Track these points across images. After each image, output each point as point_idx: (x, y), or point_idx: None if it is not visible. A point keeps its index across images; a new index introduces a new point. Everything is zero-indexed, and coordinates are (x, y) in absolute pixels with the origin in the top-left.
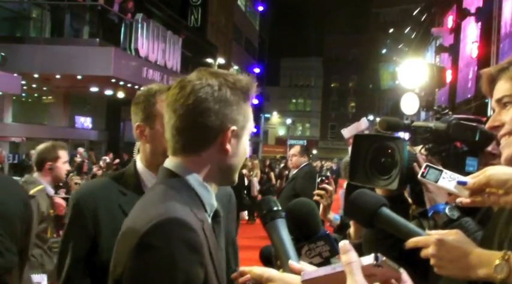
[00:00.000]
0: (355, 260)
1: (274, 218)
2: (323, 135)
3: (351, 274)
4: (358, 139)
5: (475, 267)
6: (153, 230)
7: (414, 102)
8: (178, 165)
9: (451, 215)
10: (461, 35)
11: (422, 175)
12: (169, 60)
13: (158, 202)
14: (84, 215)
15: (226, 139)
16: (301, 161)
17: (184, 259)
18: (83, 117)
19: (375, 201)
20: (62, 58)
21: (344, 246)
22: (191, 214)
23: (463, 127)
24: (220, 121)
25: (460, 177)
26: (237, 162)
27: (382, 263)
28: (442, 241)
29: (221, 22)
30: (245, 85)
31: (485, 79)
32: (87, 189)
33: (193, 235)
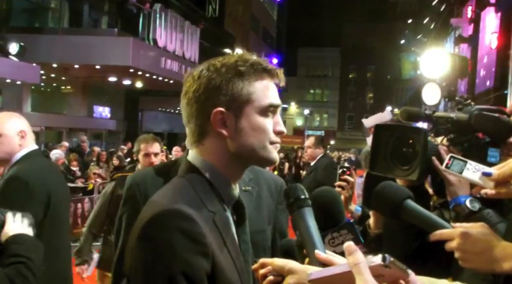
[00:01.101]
0: (362, 260)
1: (301, 206)
2: (341, 125)
3: (359, 275)
4: (379, 129)
5: (501, 260)
6: (151, 222)
7: (436, 92)
8: (194, 157)
9: (472, 207)
10: (481, 26)
11: (446, 166)
12: (187, 51)
13: (165, 194)
14: (136, 198)
15: (215, 123)
16: (317, 152)
17: (183, 249)
18: (101, 106)
19: (401, 192)
20: (80, 48)
21: (349, 247)
22: (197, 206)
23: (485, 118)
24: (205, 106)
25: (484, 167)
26: (248, 141)
27: (389, 263)
28: (467, 234)
29: (239, 12)
30: (235, 64)
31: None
32: (141, 173)
33: (191, 225)
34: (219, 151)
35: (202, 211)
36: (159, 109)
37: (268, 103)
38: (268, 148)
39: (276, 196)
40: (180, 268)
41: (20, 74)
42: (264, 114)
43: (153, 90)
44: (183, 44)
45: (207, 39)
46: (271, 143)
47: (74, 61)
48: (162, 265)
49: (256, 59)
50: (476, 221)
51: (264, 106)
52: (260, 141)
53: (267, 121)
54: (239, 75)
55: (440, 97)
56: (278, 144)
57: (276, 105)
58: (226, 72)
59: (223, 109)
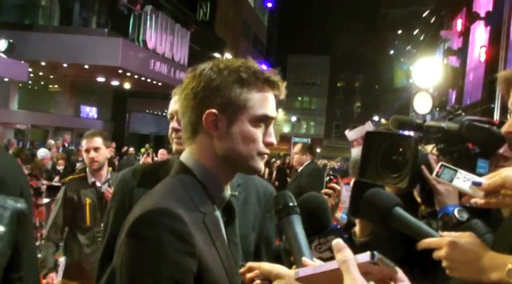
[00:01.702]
0: (350, 257)
1: (290, 213)
2: (327, 133)
3: (347, 272)
4: (370, 136)
5: (488, 270)
6: (140, 220)
7: (427, 101)
8: (186, 156)
9: (460, 217)
10: (470, 39)
11: (437, 174)
12: (176, 53)
13: (157, 193)
14: (124, 193)
15: (206, 123)
16: (304, 159)
17: (171, 248)
18: (89, 106)
19: (390, 200)
20: (69, 47)
21: (337, 244)
22: (187, 206)
23: (476, 128)
24: (200, 105)
25: (475, 177)
26: (235, 147)
27: (378, 261)
28: (455, 244)
29: (230, 17)
30: (238, 69)
31: (501, 83)
32: (131, 170)
33: (180, 225)
34: (208, 152)
35: (192, 211)
36: (146, 111)
37: (262, 114)
38: (255, 157)
39: (264, 204)
40: (168, 268)
41: (7, 71)
42: (256, 123)
43: (141, 91)
44: (172, 46)
45: (197, 43)
46: (259, 153)
47: (62, 60)
48: (148, 263)
49: (260, 68)
50: (464, 231)
51: (258, 116)
52: (248, 150)
53: (258, 131)
54: (240, 80)
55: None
56: (266, 154)
57: (270, 117)
58: (227, 75)
59: (216, 111)
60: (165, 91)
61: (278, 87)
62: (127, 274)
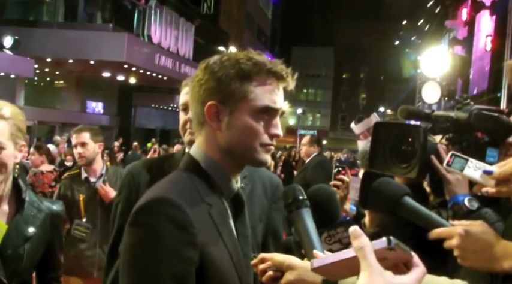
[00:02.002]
0: (367, 244)
1: (299, 207)
2: (333, 125)
3: (364, 259)
4: (379, 127)
5: (500, 259)
6: (141, 208)
7: (436, 91)
8: (195, 148)
9: (470, 206)
10: (476, 28)
11: (448, 163)
12: (181, 47)
13: (161, 184)
14: (130, 187)
15: (208, 115)
16: (311, 151)
17: (170, 237)
18: (95, 102)
19: (399, 189)
20: (75, 42)
21: (354, 231)
22: (191, 197)
23: (485, 117)
24: (203, 97)
25: (486, 165)
26: (238, 139)
27: (394, 246)
28: (467, 233)
29: (234, 10)
30: (238, 61)
31: (509, 71)
32: (137, 164)
33: (179, 214)
34: (213, 144)
35: (197, 202)
36: (152, 106)
37: (264, 105)
38: (258, 149)
39: (271, 195)
40: (165, 256)
41: (13, 68)
42: (258, 115)
43: (146, 86)
44: (177, 40)
45: (202, 36)
46: (262, 145)
47: (68, 55)
48: (148, 251)
49: (262, 59)
50: (475, 220)
51: (260, 107)
52: (250, 142)
53: (261, 123)
54: (240, 72)
55: (440, 95)
56: (271, 146)
57: (274, 108)
58: (228, 67)
59: (217, 103)
60: (170, 85)
61: (283, 78)
62: (127, 262)
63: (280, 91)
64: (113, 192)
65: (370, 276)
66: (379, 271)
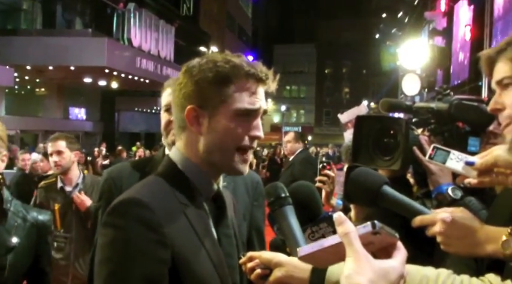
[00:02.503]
0: (352, 230)
1: (282, 205)
2: (318, 121)
3: (349, 244)
4: (361, 121)
5: (483, 243)
6: (111, 210)
7: (416, 83)
8: (174, 151)
9: (454, 195)
10: (455, 18)
11: (430, 157)
12: (162, 50)
13: (135, 187)
14: (111, 192)
15: (188, 119)
16: (296, 147)
17: (138, 236)
18: (77, 108)
19: (377, 179)
20: (54, 49)
21: (339, 217)
22: (164, 198)
23: (465, 107)
24: (182, 101)
25: (467, 157)
26: (216, 143)
27: (379, 230)
28: (450, 219)
29: (214, 10)
30: (215, 64)
31: (484, 61)
32: (117, 168)
33: (148, 214)
34: (192, 148)
35: (170, 203)
36: (135, 109)
37: (243, 108)
38: (234, 157)
39: (252, 193)
40: (134, 256)
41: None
42: (238, 118)
43: (129, 90)
44: (158, 43)
45: (182, 38)
46: (240, 148)
47: (48, 63)
48: (117, 252)
49: (241, 62)
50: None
51: (239, 110)
52: (227, 146)
53: (241, 126)
54: (218, 75)
55: (420, 87)
56: (250, 149)
57: (253, 110)
58: (206, 71)
59: (196, 107)
60: (153, 88)
61: (262, 79)
62: (99, 263)
63: (261, 92)
64: (88, 200)
65: (356, 261)
66: (365, 256)
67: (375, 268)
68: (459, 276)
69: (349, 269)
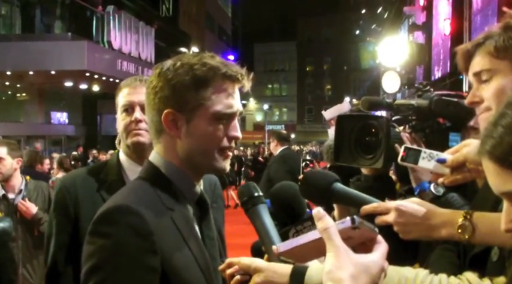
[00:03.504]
0: (331, 225)
1: (255, 204)
2: (300, 118)
3: (329, 240)
4: (342, 120)
5: (439, 227)
6: (100, 218)
7: (395, 80)
8: (154, 155)
9: (436, 192)
10: (434, 13)
11: (402, 159)
12: (143, 52)
13: (120, 193)
14: (66, 202)
15: (165, 123)
16: (277, 148)
17: (130, 245)
18: (59, 112)
19: (328, 177)
20: (34, 54)
21: (318, 213)
22: (151, 204)
23: (445, 103)
24: (158, 105)
25: (439, 154)
26: (196, 147)
27: (359, 224)
28: (404, 206)
29: (193, 11)
30: (192, 67)
31: (461, 56)
32: (71, 177)
33: (139, 222)
34: (173, 151)
35: (157, 208)
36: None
37: (221, 111)
38: (216, 157)
39: (211, 195)
40: (125, 264)
41: None
42: (216, 120)
43: (110, 93)
44: (138, 45)
45: (163, 39)
46: (221, 150)
47: (28, 68)
48: (108, 260)
49: (217, 63)
50: (442, 205)
51: (217, 113)
52: (208, 148)
53: (220, 128)
54: (195, 78)
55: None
56: (230, 150)
57: (230, 113)
58: (182, 74)
59: (174, 111)
60: None
61: (239, 80)
62: (88, 272)
63: (237, 93)
64: (34, 207)
65: (336, 256)
66: (345, 251)
67: (355, 262)
68: (437, 276)
69: (330, 264)
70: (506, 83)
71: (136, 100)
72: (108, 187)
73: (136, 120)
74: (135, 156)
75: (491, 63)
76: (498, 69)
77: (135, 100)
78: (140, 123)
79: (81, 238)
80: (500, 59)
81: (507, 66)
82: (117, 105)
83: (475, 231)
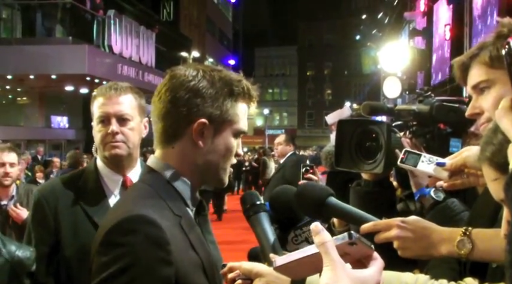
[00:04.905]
0: (329, 239)
1: (257, 212)
2: (301, 123)
3: (326, 254)
4: (342, 125)
5: (438, 245)
6: (116, 227)
7: (396, 86)
8: (156, 160)
9: (437, 197)
10: (434, 18)
11: (401, 161)
12: (143, 56)
13: (129, 200)
14: (45, 212)
15: (195, 132)
16: (287, 150)
17: (148, 255)
18: (59, 116)
19: (322, 191)
20: (35, 58)
21: (315, 227)
22: (162, 211)
23: (446, 108)
24: (188, 112)
25: (439, 159)
26: (216, 159)
27: (356, 240)
28: (405, 223)
29: (194, 15)
30: (231, 82)
31: (457, 68)
32: (49, 186)
33: (157, 232)
34: (187, 159)
35: (167, 215)
36: None
37: (243, 129)
38: (227, 170)
39: None
40: (142, 275)
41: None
42: (235, 136)
43: None
44: (139, 49)
45: (163, 43)
46: (230, 165)
47: (29, 71)
48: (124, 271)
49: (247, 83)
50: (442, 210)
51: (240, 130)
52: (225, 161)
53: (235, 145)
54: (232, 94)
55: (401, 90)
56: None
57: (245, 132)
58: (221, 87)
59: (206, 121)
60: None
61: (254, 101)
62: (103, 281)
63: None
64: (25, 212)
65: (333, 271)
66: (342, 266)
67: (352, 277)
68: (437, 281)
69: (326, 278)
70: (504, 92)
71: (112, 112)
72: (87, 196)
73: (113, 133)
74: (112, 165)
75: (488, 73)
76: (495, 79)
77: (111, 111)
78: (117, 135)
79: (62, 249)
80: (496, 69)
81: (504, 75)
82: (92, 114)
83: (473, 248)
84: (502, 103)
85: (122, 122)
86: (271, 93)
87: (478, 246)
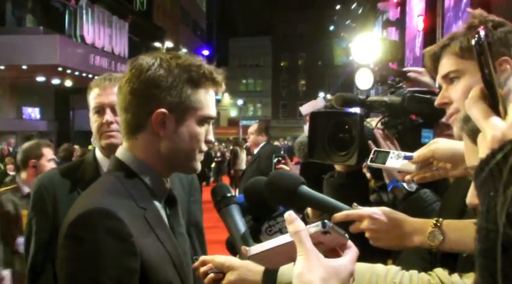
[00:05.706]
0: (302, 228)
1: (228, 204)
2: (275, 114)
3: (300, 243)
4: (315, 117)
5: (410, 235)
6: (78, 221)
7: (369, 77)
8: (123, 151)
9: (409, 187)
10: (407, 9)
11: (371, 160)
12: (116, 46)
13: (92, 192)
14: (44, 201)
15: (155, 122)
16: (260, 140)
17: (110, 248)
18: (31, 107)
19: (294, 180)
20: (5, 48)
21: (289, 216)
22: (124, 203)
23: (417, 99)
24: (147, 103)
25: (406, 153)
26: (182, 147)
27: (329, 229)
28: (377, 214)
29: (167, 5)
30: (189, 67)
31: (428, 58)
32: (48, 175)
33: (118, 225)
34: (151, 149)
35: (131, 208)
36: None
37: (208, 115)
38: (196, 157)
39: (188, 188)
40: (106, 269)
41: None
42: (201, 123)
43: (83, 87)
44: (111, 39)
45: (136, 34)
46: (200, 152)
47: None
48: (88, 266)
49: (209, 68)
50: (414, 201)
51: (205, 116)
52: (192, 149)
53: (202, 131)
54: (191, 80)
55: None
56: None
57: (213, 117)
58: (178, 74)
59: (166, 111)
60: None
61: (220, 85)
62: (66, 277)
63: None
64: None
65: (306, 260)
66: (316, 254)
67: (326, 265)
68: (408, 272)
69: (300, 267)
70: (473, 82)
71: (106, 102)
72: (85, 185)
73: (108, 122)
74: (110, 155)
75: (458, 63)
76: (465, 69)
77: (105, 101)
78: (112, 124)
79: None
80: (466, 59)
81: (473, 66)
82: (89, 105)
83: (444, 239)
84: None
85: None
86: (245, 84)
87: (449, 237)
